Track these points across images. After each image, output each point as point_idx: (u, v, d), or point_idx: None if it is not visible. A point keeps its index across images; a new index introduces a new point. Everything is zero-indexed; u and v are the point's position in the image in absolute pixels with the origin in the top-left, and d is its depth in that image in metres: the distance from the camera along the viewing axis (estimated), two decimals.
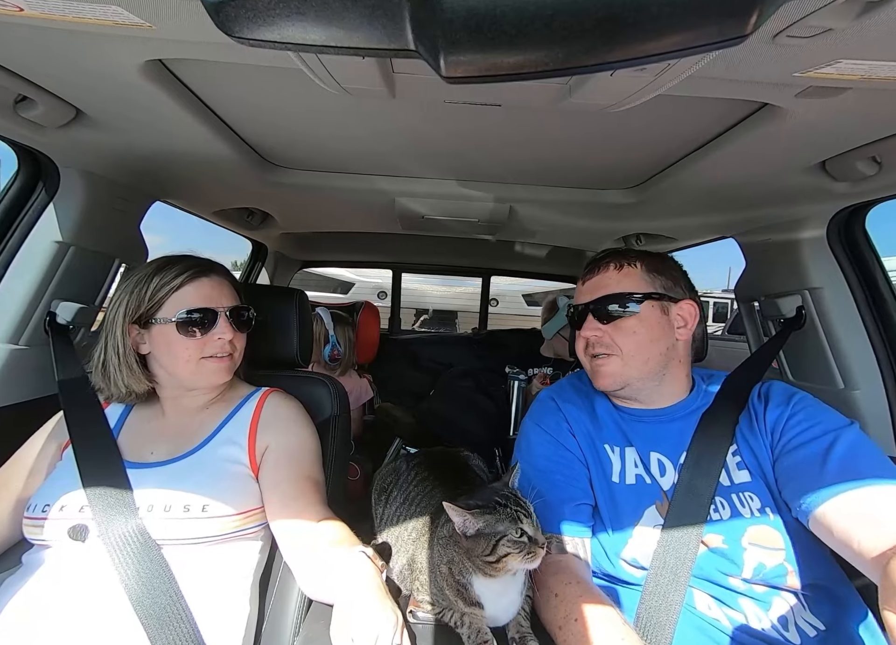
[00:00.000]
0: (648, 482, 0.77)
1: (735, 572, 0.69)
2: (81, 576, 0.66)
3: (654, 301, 0.81)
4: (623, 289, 0.81)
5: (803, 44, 0.46)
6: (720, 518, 0.72)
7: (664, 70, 0.50)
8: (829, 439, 0.69)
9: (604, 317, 0.81)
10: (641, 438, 0.82)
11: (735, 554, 0.69)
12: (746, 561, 0.68)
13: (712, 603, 0.69)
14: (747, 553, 0.69)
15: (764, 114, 0.68)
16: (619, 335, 0.80)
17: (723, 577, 0.69)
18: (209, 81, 0.69)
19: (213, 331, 0.79)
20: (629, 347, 0.79)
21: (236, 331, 0.83)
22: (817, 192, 0.92)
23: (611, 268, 0.84)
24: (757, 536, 0.70)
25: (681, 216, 1.27)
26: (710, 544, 0.71)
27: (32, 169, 0.91)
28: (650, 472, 0.78)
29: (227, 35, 0.28)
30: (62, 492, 0.71)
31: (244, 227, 1.71)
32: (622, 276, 0.82)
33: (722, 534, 0.71)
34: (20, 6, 0.45)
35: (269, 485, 0.77)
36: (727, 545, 0.70)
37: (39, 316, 0.94)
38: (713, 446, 0.76)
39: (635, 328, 0.79)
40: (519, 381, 1.70)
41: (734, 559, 0.69)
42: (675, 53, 0.28)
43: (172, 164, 0.98)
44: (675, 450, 0.79)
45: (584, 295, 0.86)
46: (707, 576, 0.70)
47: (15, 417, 0.90)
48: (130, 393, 0.82)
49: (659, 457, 0.79)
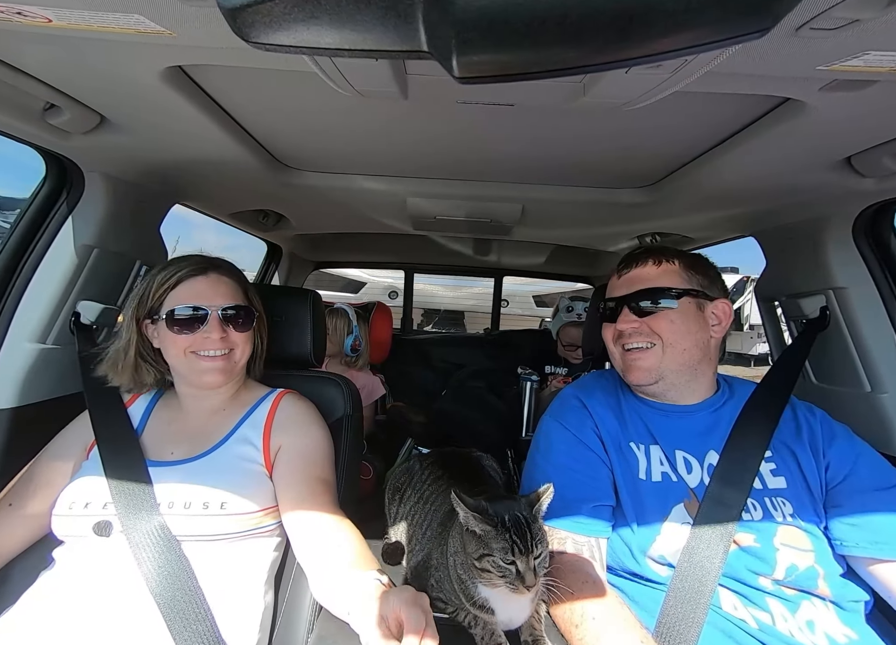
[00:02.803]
0: (675, 480, 0.77)
1: (766, 572, 0.67)
2: (107, 570, 0.68)
3: (691, 297, 0.81)
4: (661, 284, 0.82)
5: (828, 36, 0.44)
6: (751, 519, 0.71)
7: (681, 66, 0.49)
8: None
9: (641, 310, 0.82)
10: (667, 435, 0.81)
11: (767, 553, 0.68)
12: (779, 561, 0.67)
13: (738, 603, 0.68)
14: (780, 553, 0.68)
15: (786, 109, 0.66)
16: (656, 324, 0.81)
17: (752, 576, 0.68)
18: (226, 86, 0.71)
19: (202, 329, 0.80)
20: (668, 335, 0.80)
21: (231, 330, 0.83)
22: (842, 189, 0.89)
23: (649, 263, 0.84)
24: (789, 537, 0.69)
25: (698, 215, 1.24)
26: (742, 543, 0.70)
27: (59, 174, 0.95)
28: (676, 470, 0.77)
29: (244, 40, 0.28)
30: (88, 490, 0.73)
31: (259, 229, 1.74)
32: (661, 271, 0.83)
33: (753, 533, 0.70)
34: (49, 17, 0.47)
35: (282, 485, 0.78)
36: (759, 544, 0.69)
37: (65, 316, 0.97)
38: (748, 450, 0.75)
39: (673, 318, 0.80)
40: (531, 381, 1.69)
41: (766, 558, 0.68)
42: (693, 49, 0.27)
43: (191, 167, 1.00)
44: (701, 447, 0.78)
45: (619, 288, 0.86)
46: (736, 575, 0.69)
47: (43, 413, 0.93)
48: (141, 383, 0.86)
49: (685, 455, 0.79)
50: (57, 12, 0.46)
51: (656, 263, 0.84)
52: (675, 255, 0.85)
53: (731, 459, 0.75)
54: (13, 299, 0.92)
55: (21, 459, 0.82)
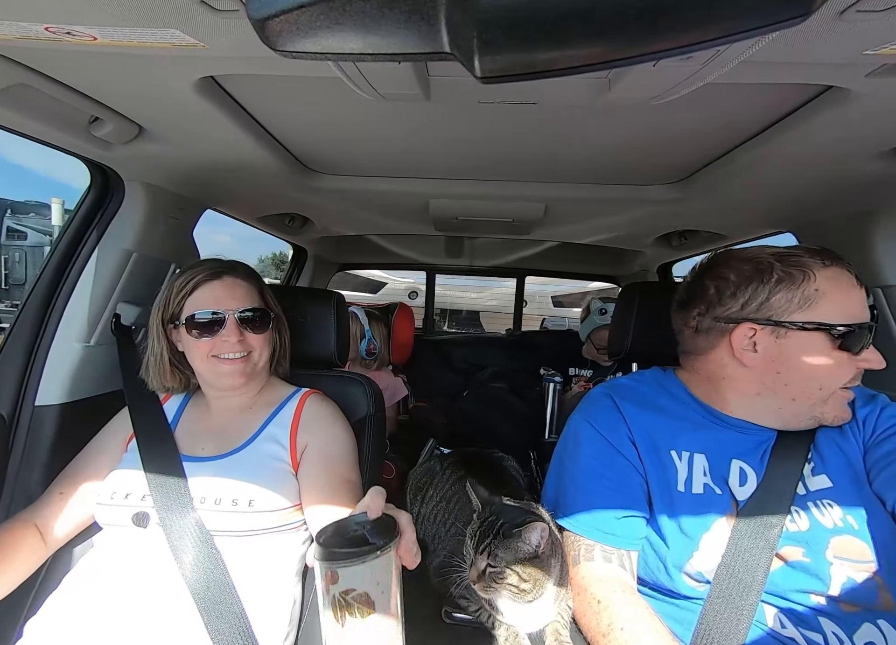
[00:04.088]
0: (718, 493, 0.71)
1: (820, 589, 0.62)
2: (143, 560, 0.71)
3: None
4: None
5: (876, 18, 0.42)
6: (798, 529, 0.65)
7: (713, 57, 0.47)
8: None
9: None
10: (719, 444, 0.74)
11: (820, 569, 0.62)
12: (833, 576, 0.61)
13: (786, 621, 0.62)
14: (833, 567, 0.62)
15: (827, 97, 0.62)
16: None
17: (802, 594, 0.63)
18: (255, 94, 0.73)
19: (220, 332, 0.82)
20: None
21: (248, 332, 0.85)
22: (891, 181, 0.83)
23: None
24: (842, 549, 0.63)
25: (731, 211, 1.19)
26: (789, 558, 0.64)
27: (102, 183, 1.00)
28: (726, 481, 0.71)
29: (272, 49, 0.29)
30: (128, 481, 0.77)
31: (285, 232, 1.79)
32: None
33: (802, 546, 0.64)
34: (94, 36, 0.50)
35: (307, 484, 0.80)
36: (809, 559, 0.63)
37: (107, 317, 1.03)
38: (790, 456, 0.70)
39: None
40: (554, 383, 1.66)
41: (819, 574, 0.62)
42: (726, 39, 0.26)
43: (222, 173, 1.04)
44: (757, 459, 0.72)
45: (861, 306, 0.68)
46: (782, 593, 0.63)
47: (88, 409, 0.99)
48: (168, 388, 0.89)
49: (741, 465, 0.72)
50: (101, 30, 0.48)
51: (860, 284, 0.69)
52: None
53: (773, 468, 0.69)
54: (62, 301, 0.98)
55: (69, 451, 0.87)
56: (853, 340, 0.66)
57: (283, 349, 0.96)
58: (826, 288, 0.66)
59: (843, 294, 0.68)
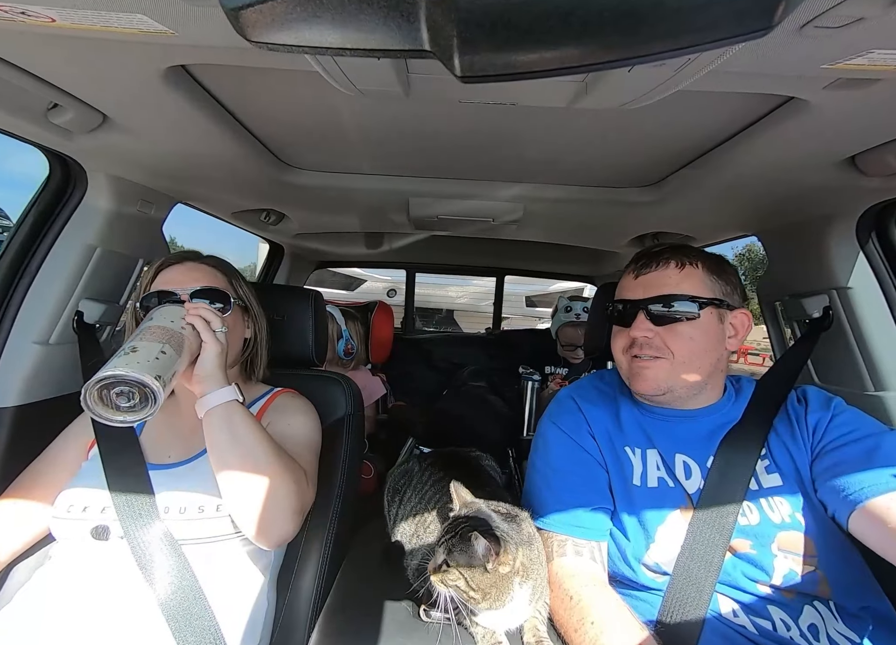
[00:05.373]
0: (671, 486, 0.75)
1: (764, 579, 0.66)
2: (104, 574, 0.68)
3: (713, 308, 0.75)
4: (684, 291, 0.75)
5: (832, 34, 0.44)
6: (748, 523, 0.70)
7: (685, 64, 0.48)
8: (874, 441, 0.67)
9: (659, 318, 0.75)
10: (666, 438, 0.79)
11: (765, 560, 0.67)
12: (777, 568, 0.66)
13: (738, 609, 0.67)
14: (777, 560, 0.66)
15: (789, 108, 0.65)
16: (672, 339, 0.75)
17: (750, 583, 0.67)
18: (228, 85, 0.71)
19: None
20: (683, 353, 0.75)
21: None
22: (846, 188, 0.89)
23: (671, 265, 0.77)
24: (788, 543, 0.67)
25: (701, 214, 1.23)
26: (738, 549, 0.68)
27: (62, 174, 0.95)
28: (674, 475, 0.76)
29: (246, 40, 0.28)
30: (86, 493, 0.73)
31: (260, 228, 1.74)
32: (683, 276, 0.76)
33: (750, 539, 0.68)
34: (52, 17, 0.47)
35: None
36: (755, 551, 0.67)
37: (68, 315, 0.98)
38: (743, 452, 0.73)
39: (692, 334, 0.74)
40: (533, 381, 1.69)
41: (763, 566, 0.66)
42: (696, 47, 0.27)
43: (193, 166, 1.00)
44: (703, 452, 0.76)
45: (635, 290, 0.79)
46: (733, 582, 0.67)
47: (45, 412, 0.94)
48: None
49: (685, 459, 0.76)
50: (60, 12, 0.46)
51: (679, 266, 0.76)
52: (699, 258, 0.78)
53: (724, 462, 0.73)
54: (17, 299, 0.92)
55: (23, 457, 0.82)
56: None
57: (259, 349, 0.92)
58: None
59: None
